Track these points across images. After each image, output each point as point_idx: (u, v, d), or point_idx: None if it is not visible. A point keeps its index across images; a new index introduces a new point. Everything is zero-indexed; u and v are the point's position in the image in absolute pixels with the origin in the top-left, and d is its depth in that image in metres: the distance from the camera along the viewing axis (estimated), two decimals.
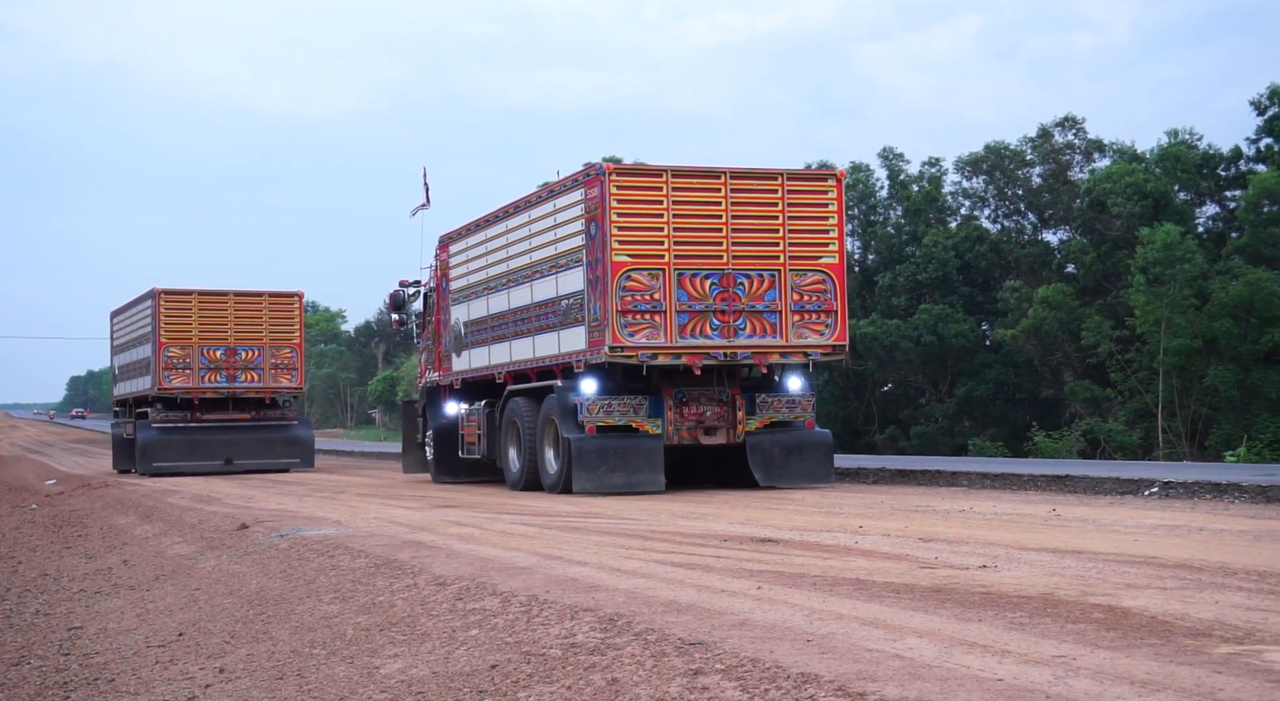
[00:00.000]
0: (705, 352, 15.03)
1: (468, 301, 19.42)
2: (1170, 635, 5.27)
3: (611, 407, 15.25)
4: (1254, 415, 33.58)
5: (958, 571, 7.42)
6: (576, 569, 8.14)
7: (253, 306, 26.30)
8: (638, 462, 15.25)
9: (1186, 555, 7.93)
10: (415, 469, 22.16)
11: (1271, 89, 37.75)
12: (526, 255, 17.16)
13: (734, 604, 6.45)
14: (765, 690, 4.78)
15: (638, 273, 14.84)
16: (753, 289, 15.22)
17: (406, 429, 23.39)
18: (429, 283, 21.88)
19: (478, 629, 6.82)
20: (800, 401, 15.93)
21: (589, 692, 5.34)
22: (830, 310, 15.52)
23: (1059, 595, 6.37)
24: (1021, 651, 5.03)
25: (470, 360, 19.27)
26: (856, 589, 6.85)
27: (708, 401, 15.60)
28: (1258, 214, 35.88)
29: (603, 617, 6.33)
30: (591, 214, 15.13)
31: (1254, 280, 33.72)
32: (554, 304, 16.20)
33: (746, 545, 9.27)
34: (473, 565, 8.66)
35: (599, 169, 15.05)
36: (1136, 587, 6.57)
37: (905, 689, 4.51)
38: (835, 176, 15.95)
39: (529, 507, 14.00)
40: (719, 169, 15.26)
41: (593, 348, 15.10)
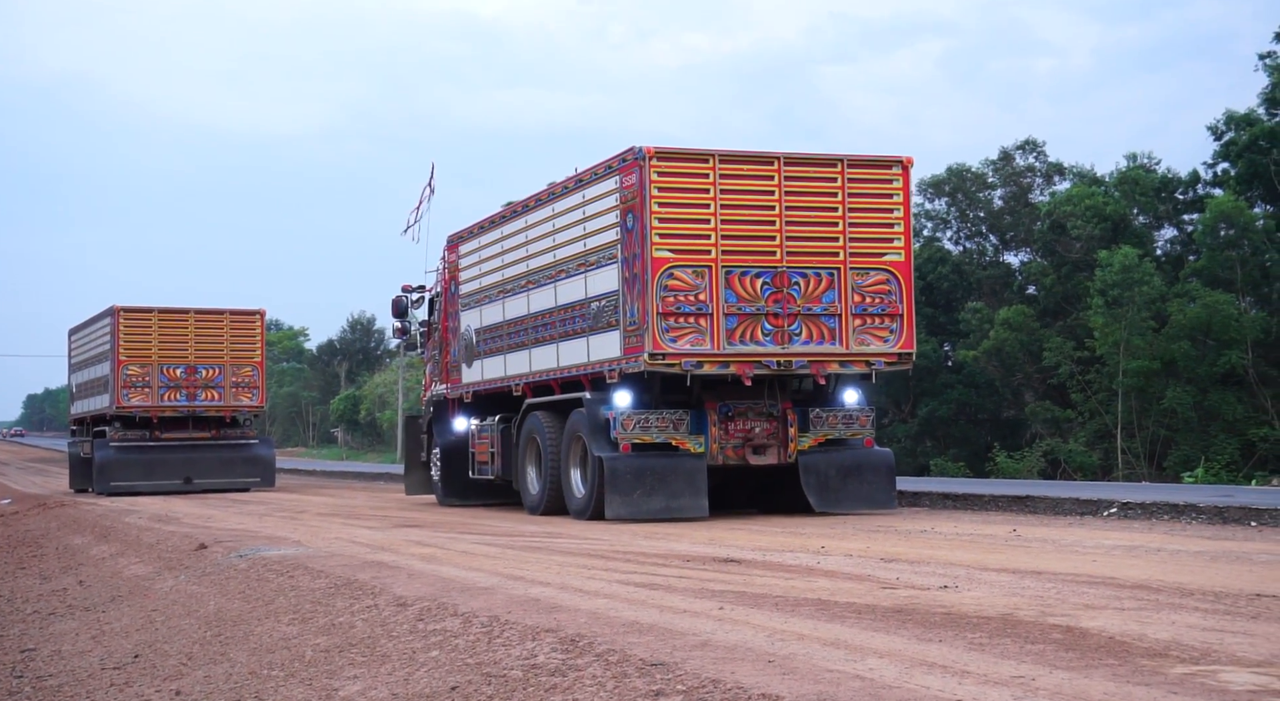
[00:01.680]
0: (756, 361, 13.48)
1: (480, 306, 17.73)
2: (1128, 655, 5.30)
3: (649, 423, 13.71)
4: (1211, 436, 33.90)
5: (919, 592, 7.44)
6: (539, 589, 8.11)
7: (214, 324, 26.15)
8: (678, 485, 13.68)
9: (1144, 575, 7.99)
10: (419, 490, 20.42)
11: (1228, 114, 38.26)
12: (550, 253, 15.46)
13: (696, 624, 6.44)
14: None
15: (681, 270, 13.26)
16: (809, 289, 13.68)
17: (409, 447, 21.77)
18: (435, 287, 20.19)
19: (438, 650, 6.78)
20: (859, 416, 14.46)
21: None
22: (895, 313, 14.00)
23: (1018, 615, 6.40)
24: (981, 672, 5.05)
25: (483, 371, 17.60)
26: (818, 609, 6.86)
27: (756, 416, 14.03)
28: (1214, 237, 36.31)
29: (564, 638, 6.31)
30: (628, 204, 13.50)
31: (1211, 303, 34.09)
32: (582, 306, 14.56)
33: (709, 565, 9.26)
34: (434, 585, 8.61)
35: (638, 152, 13.30)
36: (1095, 608, 6.61)
37: None
38: (901, 163, 14.18)
39: (493, 527, 13.95)
40: (772, 154, 13.76)
41: (629, 355, 13.51)
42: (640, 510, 13.50)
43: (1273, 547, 9.89)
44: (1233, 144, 38.16)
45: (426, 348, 20.84)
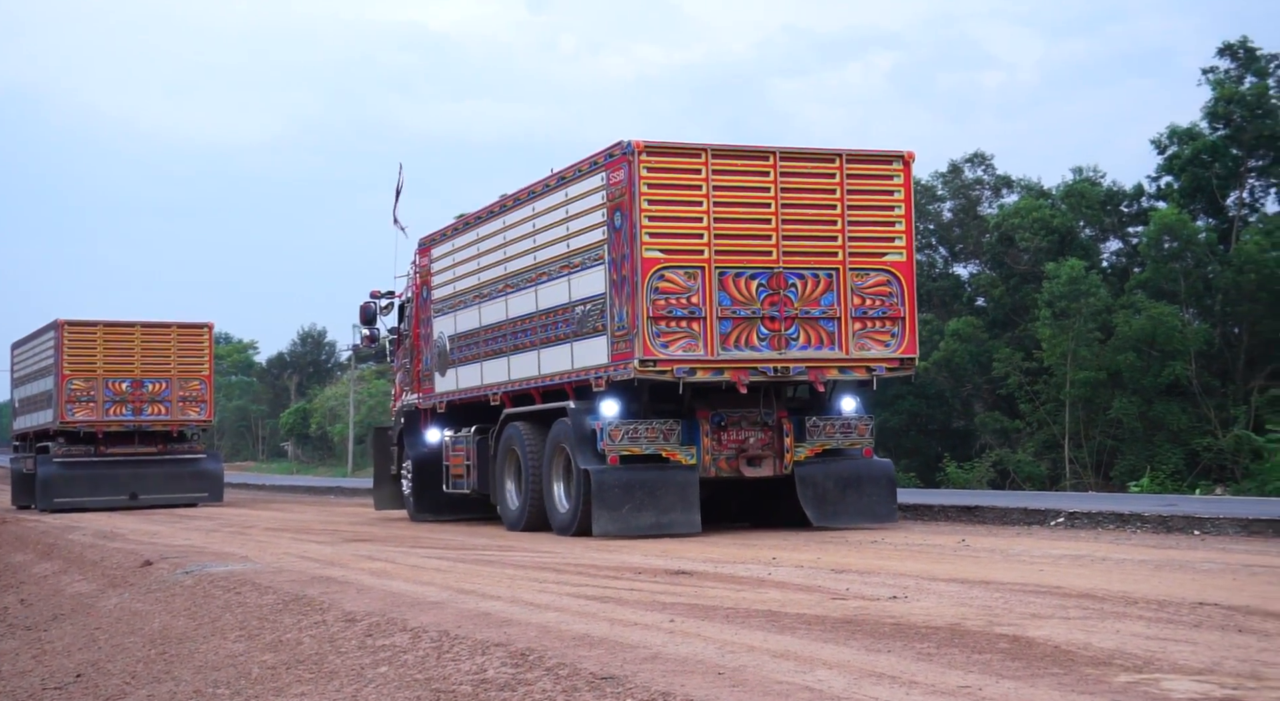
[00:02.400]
0: (752, 367, 12.69)
1: (454, 312, 16.86)
2: (1073, 664, 5.34)
3: (638, 434, 12.87)
4: (1156, 446, 34.31)
5: (868, 602, 7.48)
6: (489, 603, 8.07)
7: (160, 338, 25.84)
8: (669, 499, 12.88)
9: (1090, 585, 8.06)
10: (389, 505, 19.57)
11: (1171, 129, 38.81)
12: (530, 255, 14.64)
13: (647, 637, 6.43)
14: None
15: (672, 272, 12.47)
16: (806, 292, 12.91)
17: (378, 460, 20.50)
18: (405, 292, 19.31)
19: (387, 666, 6.74)
20: (857, 425, 13.70)
21: None
22: (897, 316, 13.26)
23: (966, 625, 6.44)
24: (928, 682, 5.07)
25: (458, 379, 16.70)
26: (769, 621, 6.87)
27: (750, 426, 13.27)
28: (1159, 250, 36.78)
29: (514, 653, 6.28)
30: (616, 202, 12.72)
31: (1156, 314, 34.53)
32: (566, 311, 13.77)
33: (660, 578, 9.26)
34: (383, 600, 8.55)
35: (627, 147, 12.50)
36: (1041, 617, 6.66)
37: None
38: (903, 158, 13.40)
39: (444, 541, 13.89)
40: (767, 148, 12.98)
41: (617, 361, 12.72)
42: (629, 526, 12.76)
43: (1215, 556, 10.01)
44: (1176, 158, 38.70)
45: (396, 356, 19.99)
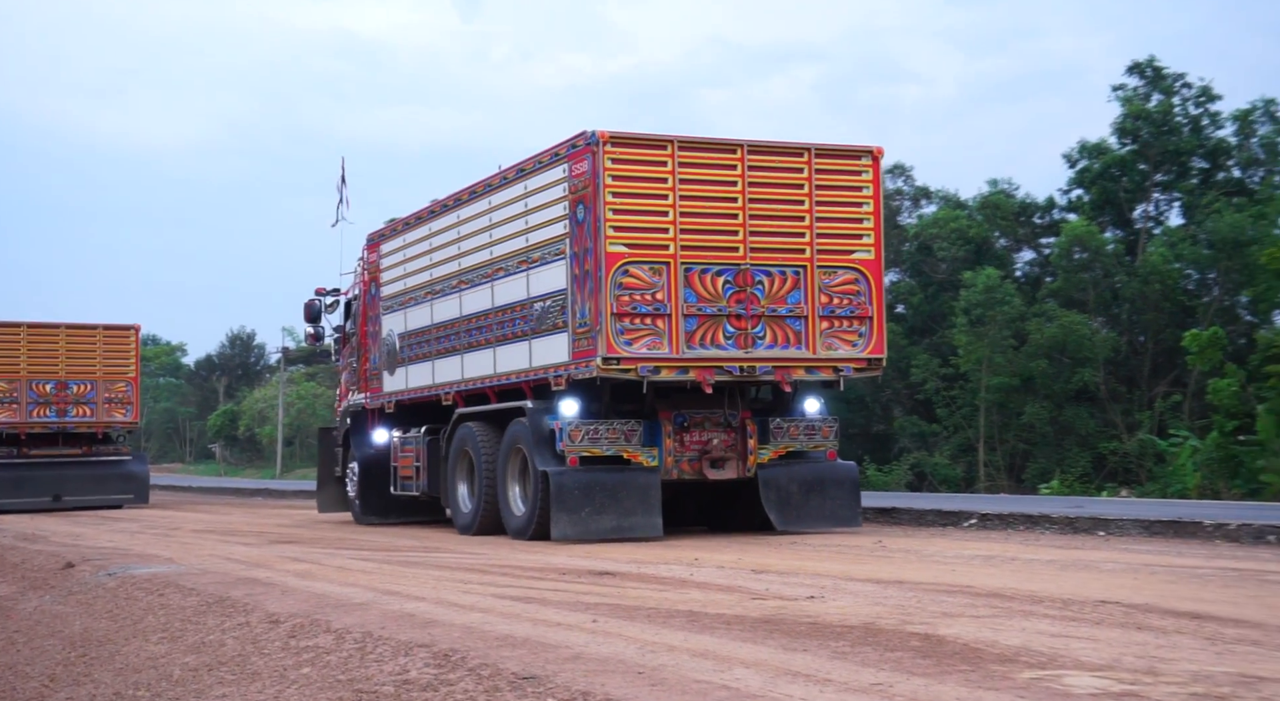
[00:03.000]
0: (718, 366, 12.06)
1: (405, 309, 16.07)
2: (980, 661, 5.41)
3: (599, 434, 12.21)
4: (1066, 450, 34.92)
5: (787, 602, 7.51)
6: (414, 604, 8.01)
7: (86, 339, 25.38)
8: (630, 502, 12.20)
9: (999, 584, 8.17)
10: (333, 507, 18.76)
11: (1081, 144, 39.58)
12: (486, 250, 13.89)
13: (569, 637, 6.41)
14: None
15: (637, 267, 11.81)
16: (773, 289, 12.30)
17: (323, 461, 19.64)
18: (352, 290, 18.49)
19: (310, 667, 6.66)
20: (821, 427, 13.08)
21: None
22: (865, 316, 12.69)
23: (880, 624, 6.49)
24: (842, 680, 5.11)
25: (408, 379, 15.94)
26: (689, 621, 6.87)
27: (714, 427, 12.67)
28: (1069, 260, 37.45)
29: (437, 653, 6.24)
30: (579, 194, 12.05)
31: (1066, 323, 35.15)
32: (524, 307, 13.05)
33: (584, 578, 9.24)
34: (308, 602, 8.45)
35: (591, 137, 11.83)
36: (952, 616, 6.73)
37: None
38: (871, 153, 12.81)
39: (371, 542, 13.75)
40: (735, 141, 12.34)
41: (578, 360, 12.08)
42: (589, 530, 12.10)
43: (1118, 556, 10.21)
44: (1086, 171, 39.44)
45: (342, 355, 19.12)
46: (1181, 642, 5.82)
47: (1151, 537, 11.94)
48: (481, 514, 13.67)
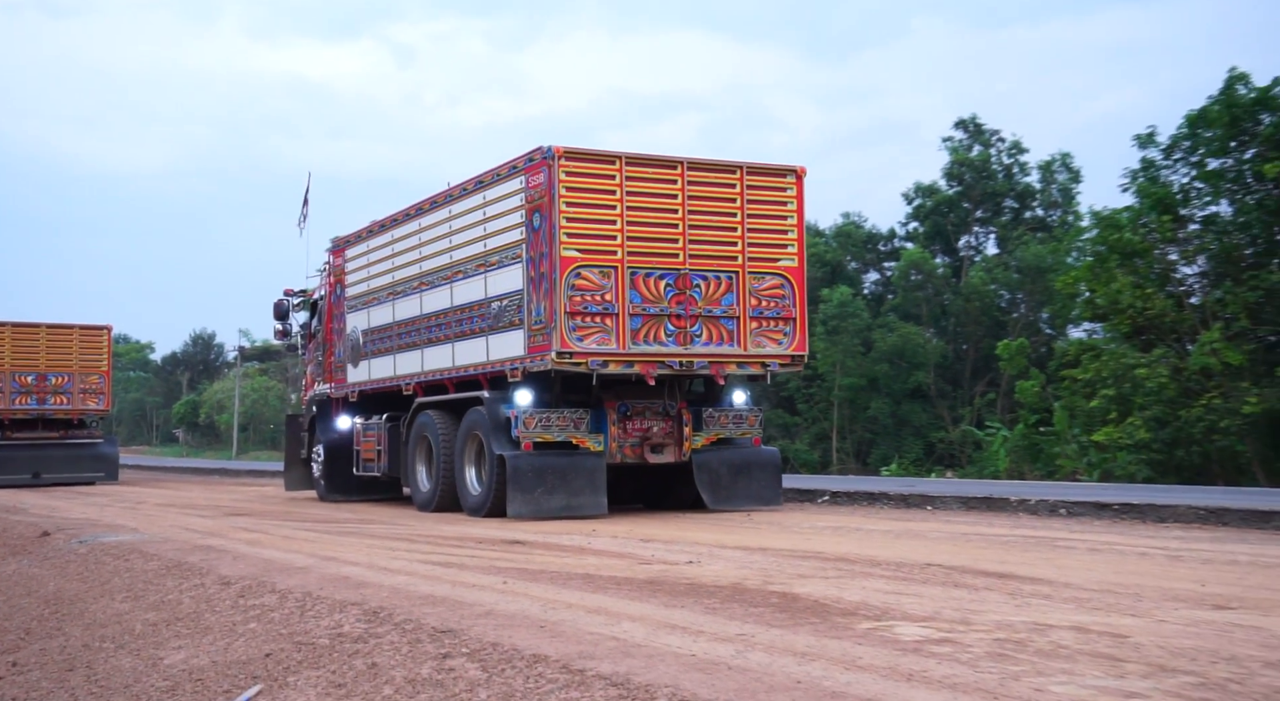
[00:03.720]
0: (660, 361, 11.60)
1: (368, 308, 15.38)
2: (828, 615, 5.47)
3: (550, 422, 11.75)
4: (903, 439, 35.54)
5: (669, 566, 7.52)
6: (349, 568, 7.87)
7: (64, 338, 24.59)
8: (579, 483, 11.75)
9: (845, 550, 8.27)
10: (299, 486, 18.11)
11: (916, 185, 40.38)
12: (446, 254, 13.28)
13: (482, 597, 6.36)
14: (502, 669, 4.72)
15: (588, 270, 11.32)
16: (709, 292, 11.85)
17: (289, 445, 18.88)
18: (318, 291, 17.67)
19: (256, 622, 6.51)
20: (747, 416, 12.68)
21: (351, 675, 5.16)
22: (789, 317, 12.25)
23: (746, 584, 6.53)
24: (712, 631, 5.13)
25: (370, 371, 15.26)
26: (586, 582, 6.85)
27: (653, 416, 12.20)
28: (907, 281, 38.14)
29: (368, 610, 6.14)
30: (535, 203, 11.48)
31: (904, 333, 35.79)
32: (482, 306, 12.49)
33: (498, 546, 9.16)
34: (256, 566, 8.26)
35: (547, 151, 11.30)
36: (805, 577, 6.80)
37: (617, 665, 4.53)
38: (795, 172, 12.47)
39: (314, 515, 13.48)
40: (676, 158, 11.88)
41: (533, 354, 11.54)
42: (541, 508, 11.57)
43: (941, 526, 10.38)
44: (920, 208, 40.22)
45: (308, 350, 18.24)
46: (989, 597, 5.93)
47: (969, 511, 12.16)
48: (440, 493, 13.10)
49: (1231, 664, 4.31)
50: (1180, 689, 3.96)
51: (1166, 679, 4.10)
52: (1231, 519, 10.13)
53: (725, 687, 4.12)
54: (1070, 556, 7.83)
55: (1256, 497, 11.90)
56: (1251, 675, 4.13)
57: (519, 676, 4.60)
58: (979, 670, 4.27)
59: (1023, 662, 4.37)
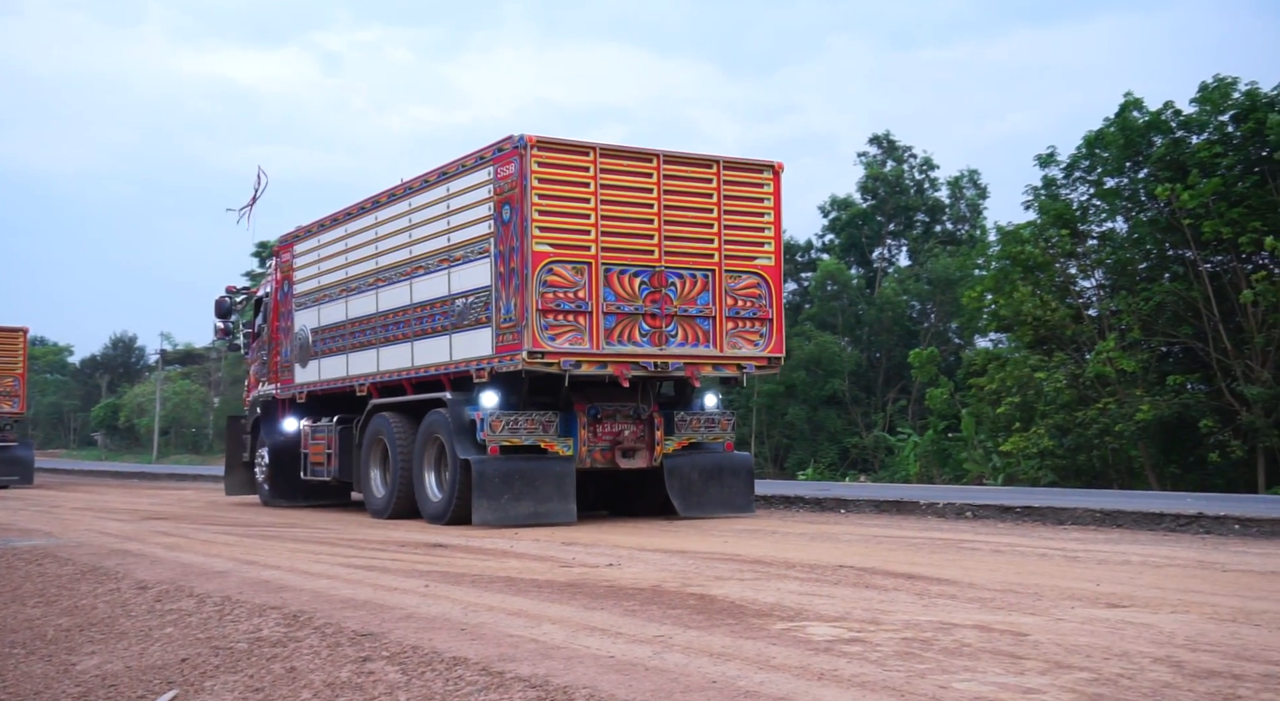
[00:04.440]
0: (634, 362, 10.85)
1: (319, 305, 14.37)
2: (743, 616, 5.49)
3: (518, 425, 10.95)
4: (819, 444, 35.92)
5: (590, 569, 7.49)
6: (270, 572, 7.71)
7: None
8: (547, 489, 10.94)
9: (761, 552, 8.32)
10: (240, 491, 16.96)
11: (832, 198, 40.93)
12: (405, 249, 12.37)
13: (403, 600, 6.27)
14: (422, 672, 4.66)
15: (560, 266, 10.53)
16: (685, 291, 11.12)
17: (230, 447, 17.64)
18: (264, 288, 16.69)
19: (173, 627, 6.33)
20: (720, 420, 12.01)
21: (269, 680, 5.05)
22: (765, 317, 11.54)
23: (665, 587, 6.53)
24: (631, 633, 5.12)
25: (320, 371, 14.28)
26: (507, 585, 6.80)
27: (624, 419, 11.41)
28: (824, 291, 38.59)
29: (288, 614, 6.01)
30: (505, 195, 10.64)
31: (821, 342, 36.19)
32: (445, 304, 11.59)
33: (420, 549, 9.05)
34: (174, 570, 8.05)
35: (519, 140, 10.48)
36: (723, 579, 6.82)
37: (537, 666, 4.50)
38: (773, 167, 11.66)
39: (235, 519, 13.19)
40: (651, 151, 11.10)
41: (502, 353, 10.70)
42: (508, 516, 10.78)
43: (854, 529, 10.50)
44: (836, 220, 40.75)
45: (251, 349, 17.19)
46: (898, 598, 6.00)
47: (880, 514, 12.32)
48: (396, 499, 12.23)
49: (1123, 660, 4.42)
50: (1075, 684, 4.06)
51: (1062, 675, 4.19)
52: (1125, 521, 10.42)
53: (642, 688, 4.12)
54: (975, 558, 7.96)
55: (1148, 500, 12.26)
56: (1141, 670, 4.25)
57: (439, 679, 4.54)
58: (887, 668, 4.32)
59: (928, 661, 4.44)
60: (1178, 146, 22.66)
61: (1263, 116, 21.21)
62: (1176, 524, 10.04)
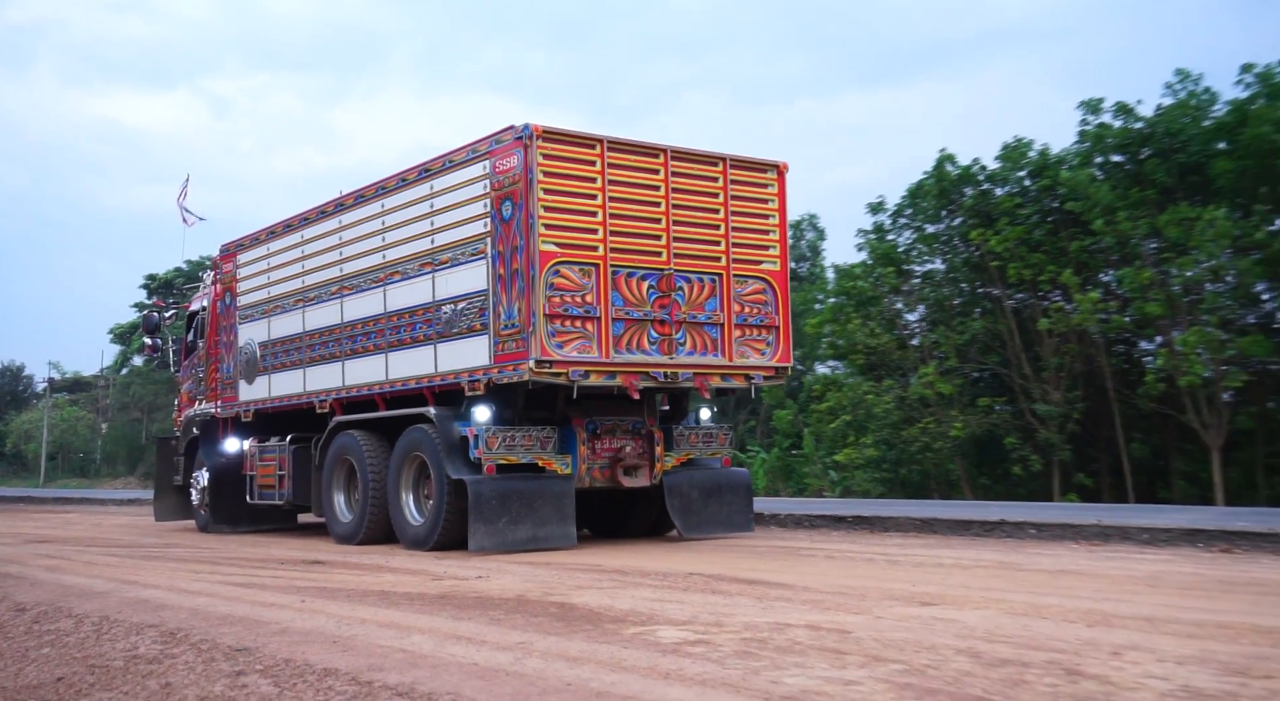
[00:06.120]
0: (643, 372, 9.32)
1: (268, 318, 12.51)
2: (600, 622, 5.48)
3: (515, 441, 9.35)
4: None
5: (460, 582, 7.36)
6: (149, 591, 7.34)
7: None
8: (545, 511, 9.30)
9: (619, 563, 8.31)
10: (171, 516, 15.04)
11: None
12: (378, 254, 10.64)
13: (279, 615, 6.05)
14: (294, 684, 4.50)
15: (568, 267, 8.99)
16: (693, 296, 9.65)
17: (160, 470, 15.59)
18: (199, 302, 14.70)
19: (50, 647, 5.96)
20: (718, 434, 10.53)
21: (144, 695, 4.79)
22: (772, 325, 10.12)
23: (528, 596, 6.46)
24: (495, 641, 5.05)
25: (271, 387, 12.38)
26: (380, 598, 6.63)
27: (624, 434, 9.88)
28: None
29: (165, 632, 5.74)
30: (505, 190, 9.07)
31: None
32: (428, 311, 9.92)
33: (299, 566, 8.76)
34: (54, 592, 7.58)
35: (524, 130, 8.92)
36: (583, 588, 6.79)
37: (404, 675, 4.40)
38: (778, 167, 10.32)
39: (117, 540, 12.50)
40: (659, 145, 9.58)
41: (502, 362, 9.09)
42: (505, 541, 9.16)
43: (706, 540, 10.58)
44: None
45: (184, 366, 15.09)
46: (740, 602, 6.06)
47: None
48: (368, 523, 10.48)
49: (931, 652, 4.57)
50: (889, 675, 4.18)
51: (879, 667, 4.31)
52: (941, 527, 10.79)
53: (502, 692, 4.07)
54: (810, 563, 8.11)
55: (962, 509, 12.74)
56: (946, 661, 4.40)
57: (310, 690, 4.39)
58: (726, 667, 4.37)
59: (764, 658, 4.51)
60: (985, 197, 23.81)
61: (1054, 174, 22.48)
62: (983, 529, 10.45)
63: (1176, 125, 21.00)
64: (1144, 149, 21.60)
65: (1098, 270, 22.27)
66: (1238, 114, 20.35)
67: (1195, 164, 20.80)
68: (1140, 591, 6.32)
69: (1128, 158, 22.03)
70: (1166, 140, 21.14)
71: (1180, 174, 21.04)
